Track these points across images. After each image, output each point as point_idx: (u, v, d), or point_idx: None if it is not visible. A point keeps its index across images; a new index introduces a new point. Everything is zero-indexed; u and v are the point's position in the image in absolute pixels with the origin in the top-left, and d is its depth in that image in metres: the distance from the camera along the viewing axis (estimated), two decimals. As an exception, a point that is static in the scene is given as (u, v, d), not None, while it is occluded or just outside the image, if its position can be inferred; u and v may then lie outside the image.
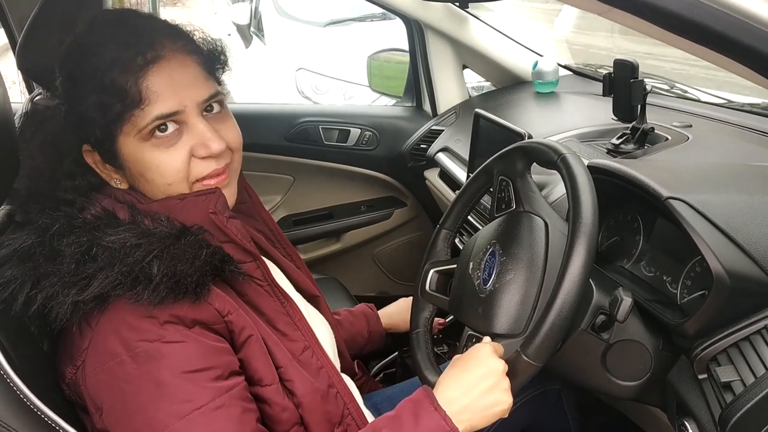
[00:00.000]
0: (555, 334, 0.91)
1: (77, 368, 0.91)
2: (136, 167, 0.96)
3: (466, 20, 2.22)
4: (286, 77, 4.22)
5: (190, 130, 0.96)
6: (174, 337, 0.88)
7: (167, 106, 0.93)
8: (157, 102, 0.93)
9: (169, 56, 0.95)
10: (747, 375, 0.90)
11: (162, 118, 0.93)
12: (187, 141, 0.96)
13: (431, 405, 0.94)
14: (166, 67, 0.94)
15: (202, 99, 0.97)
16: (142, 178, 0.97)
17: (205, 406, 0.87)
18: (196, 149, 0.96)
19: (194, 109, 0.96)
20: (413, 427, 0.92)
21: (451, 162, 2.00)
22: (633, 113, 1.52)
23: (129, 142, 0.95)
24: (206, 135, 0.96)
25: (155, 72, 0.93)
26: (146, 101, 0.92)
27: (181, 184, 0.97)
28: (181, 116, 0.95)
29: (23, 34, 1.28)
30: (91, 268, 0.87)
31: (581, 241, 0.91)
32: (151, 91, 0.92)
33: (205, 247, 0.92)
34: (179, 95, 0.94)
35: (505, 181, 1.16)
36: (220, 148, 0.97)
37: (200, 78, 0.98)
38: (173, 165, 0.95)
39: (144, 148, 0.95)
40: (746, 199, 1.03)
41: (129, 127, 0.94)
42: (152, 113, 0.93)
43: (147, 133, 0.94)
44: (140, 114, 0.92)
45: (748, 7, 0.77)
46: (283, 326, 1.03)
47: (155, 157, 0.95)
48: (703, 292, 1.03)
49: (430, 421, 0.92)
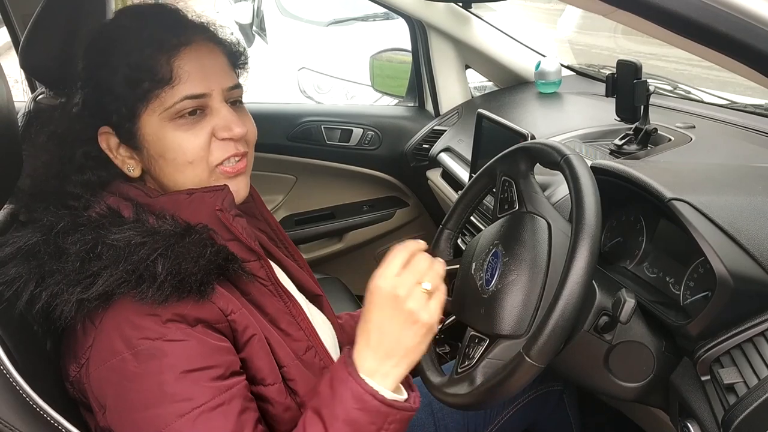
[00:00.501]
0: (558, 335, 0.90)
1: (81, 366, 0.91)
2: (155, 147, 0.98)
3: (468, 20, 2.22)
4: (289, 76, 4.23)
5: (213, 114, 0.99)
6: (176, 335, 0.88)
7: (196, 88, 0.97)
8: (187, 82, 0.96)
9: (200, 42, 1.00)
10: (750, 377, 0.90)
11: (190, 98, 0.97)
12: (210, 122, 0.99)
13: (345, 370, 0.90)
14: (198, 52, 0.99)
15: (227, 86, 1.01)
16: (161, 159, 0.99)
17: (205, 405, 0.87)
18: (217, 131, 0.99)
19: (219, 95, 1.00)
20: (331, 399, 0.89)
21: (453, 162, 2.00)
22: (636, 114, 1.52)
23: (152, 121, 0.97)
24: (229, 118, 1.00)
25: (187, 54, 0.97)
26: (176, 80, 0.96)
27: (200, 165, 0.99)
28: (206, 100, 0.98)
29: (26, 33, 1.28)
30: (96, 266, 0.87)
31: (584, 242, 0.91)
32: (183, 70, 0.96)
33: (210, 245, 0.93)
34: (208, 79, 0.98)
35: (508, 181, 1.15)
36: (241, 131, 1.00)
37: (225, 67, 1.03)
38: (195, 143, 0.98)
39: (167, 128, 0.97)
40: (749, 200, 1.03)
41: (155, 105, 0.96)
42: (181, 93, 0.96)
43: (173, 113, 0.97)
44: (169, 92, 0.96)
45: (752, 9, 0.77)
46: (286, 326, 1.03)
47: (177, 135, 0.97)
48: (706, 294, 1.03)
49: (345, 389, 0.89)
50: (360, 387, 0.89)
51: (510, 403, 1.40)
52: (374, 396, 0.89)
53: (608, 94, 1.58)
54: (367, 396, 0.89)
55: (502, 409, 1.40)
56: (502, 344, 1.00)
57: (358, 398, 0.88)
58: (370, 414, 0.88)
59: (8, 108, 0.90)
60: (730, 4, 0.77)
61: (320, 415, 0.89)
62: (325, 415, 0.89)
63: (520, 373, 0.94)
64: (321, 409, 0.90)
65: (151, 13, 1.04)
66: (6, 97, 0.90)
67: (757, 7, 0.77)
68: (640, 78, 1.48)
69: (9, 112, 0.90)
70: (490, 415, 1.39)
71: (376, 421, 0.89)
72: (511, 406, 1.40)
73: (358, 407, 0.88)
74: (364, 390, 0.89)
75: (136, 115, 0.97)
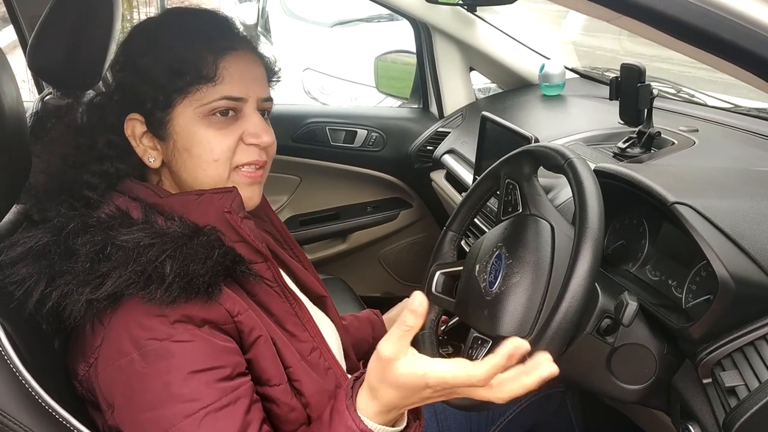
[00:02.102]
0: (560, 337, 0.91)
1: (90, 365, 0.92)
2: (184, 140, 1.00)
3: (473, 23, 2.23)
4: (293, 77, 4.23)
5: (245, 119, 1.02)
6: (183, 336, 0.89)
7: (237, 90, 1.00)
8: (229, 83, 0.99)
9: (245, 50, 1.04)
10: (751, 380, 0.90)
11: (229, 99, 1.00)
12: (241, 126, 1.02)
13: (344, 402, 0.89)
14: (243, 58, 1.02)
15: (263, 96, 1.05)
16: (185, 152, 1.00)
17: (212, 405, 0.87)
18: (246, 136, 1.02)
19: (254, 103, 1.03)
20: (327, 427, 0.89)
21: (457, 164, 2.01)
22: (639, 117, 1.52)
23: (186, 114, 0.99)
24: (260, 125, 1.03)
25: (233, 57, 1.01)
26: (219, 79, 0.98)
27: (224, 165, 1.01)
28: (242, 104, 1.01)
29: (34, 34, 1.29)
30: (106, 266, 0.88)
31: (587, 245, 0.91)
32: (228, 72, 0.99)
33: (218, 247, 0.93)
34: (248, 85, 1.02)
35: (512, 184, 1.16)
36: (269, 140, 1.04)
37: (263, 79, 1.07)
38: (224, 143, 1.01)
39: (199, 123, 1.00)
40: (752, 204, 1.03)
41: (192, 100, 0.99)
42: (222, 92, 0.99)
43: (208, 110, 0.99)
44: (210, 89, 0.98)
45: (755, 16, 0.77)
46: (292, 327, 1.04)
47: (208, 133, 1.00)
48: (708, 297, 1.04)
49: (340, 423, 0.88)
50: (354, 424, 0.87)
51: (512, 405, 1.40)
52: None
53: (612, 98, 1.58)
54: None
55: (505, 411, 1.40)
56: None
57: None
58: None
59: (18, 109, 0.91)
60: (733, 10, 0.78)
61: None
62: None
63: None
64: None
65: (203, 15, 1.07)
66: (15, 98, 0.91)
67: (759, 14, 0.78)
68: (644, 81, 1.48)
69: (18, 113, 0.91)
70: (492, 416, 1.40)
71: None
72: (514, 408, 1.40)
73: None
74: (357, 427, 0.87)
75: (171, 105, 0.99)
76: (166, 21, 1.07)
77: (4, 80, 0.88)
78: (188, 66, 0.98)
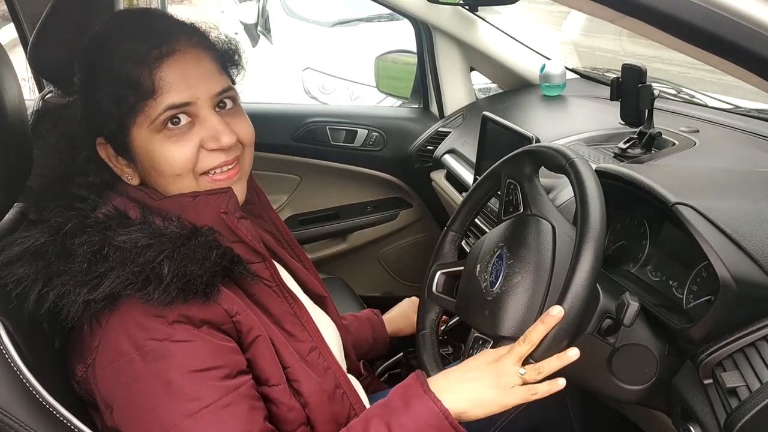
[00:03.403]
0: (561, 338, 0.91)
1: (88, 366, 0.92)
2: (146, 159, 0.98)
3: (474, 23, 2.23)
4: (293, 77, 4.23)
5: (201, 123, 0.98)
6: (183, 336, 0.89)
7: (179, 97, 0.95)
8: (170, 92, 0.94)
9: (184, 50, 0.97)
10: (752, 381, 0.90)
11: (174, 108, 0.95)
12: (198, 133, 0.98)
13: (421, 388, 0.94)
14: (181, 60, 0.96)
15: (214, 92, 0.99)
16: (152, 170, 0.98)
17: (213, 405, 0.87)
18: (206, 142, 0.98)
19: (206, 102, 0.98)
20: (403, 411, 0.92)
21: (457, 164, 2.01)
22: (640, 118, 1.53)
23: (141, 134, 0.96)
24: (217, 128, 0.98)
25: (169, 64, 0.95)
26: (159, 91, 0.94)
27: (188, 176, 0.98)
28: (192, 108, 0.97)
29: (35, 33, 1.29)
30: (103, 267, 0.87)
31: (589, 246, 0.91)
32: (165, 81, 0.94)
33: (215, 247, 0.93)
34: (192, 88, 0.96)
35: (513, 184, 1.16)
36: (230, 141, 0.98)
37: (214, 72, 1.00)
38: (183, 156, 0.97)
39: (155, 140, 0.96)
40: (753, 205, 1.03)
41: (142, 119, 0.95)
42: (164, 103, 0.94)
43: (159, 124, 0.95)
44: (152, 104, 0.94)
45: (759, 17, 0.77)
46: (291, 327, 1.04)
47: (165, 148, 0.96)
48: (709, 298, 1.04)
49: (420, 405, 0.93)
50: (435, 405, 0.92)
51: (513, 405, 1.40)
52: (446, 417, 0.92)
53: (613, 98, 1.58)
54: (441, 416, 0.92)
55: (506, 411, 1.40)
56: (506, 346, 1.01)
57: (433, 415, 0.92)
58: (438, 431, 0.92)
59: (20, 109, 0.91)
60: (735, 10, 0.78)
61: (389, 426, 0.92)
62: (394, 426, 0.92)
63: (523, 375, 0.95)
64: (390, 420, 0.93)
65: (138, 21, 1.02)
66: (17, 96, 0.91)
67: (761, 14, 0.78)
68: (645, 82, 1.48)
69: (20, 112, 0.91)
70: (493, 416, 1.39)
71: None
72: (515, 408, 1.40)
73: (431, 423, 0.92)
74: (439, 409, 0.92)
75: (126, 129, 0.97)
76: (101, 39, 1.01)
77: (6, 78, 0.88)
78: (127, 88, 0.94)
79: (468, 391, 0.96)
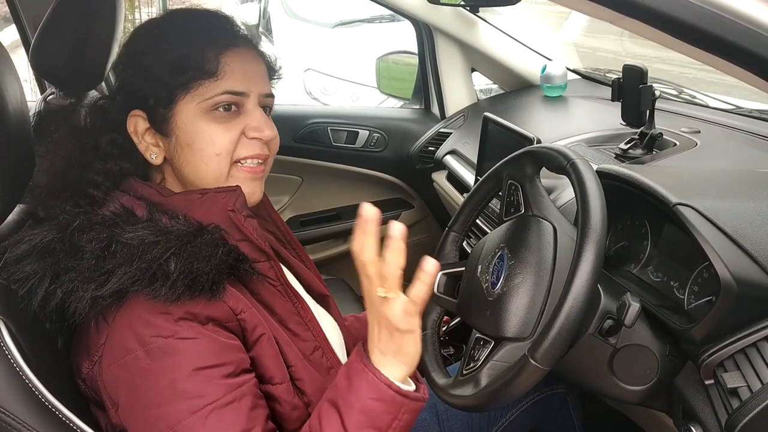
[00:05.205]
0: (562, 338, 0.91)
1: (94, 363, 0.93)
2: (186, 135, 1.01)
3: (475, 23, 2.23)
4: (295, 78, 4.23)
5: (247, 114, 1.03)
6: (188, 333, 0.90)
7: (238, 85, 1.01)
8: (230, 78, 1.01)
9: (246, 47, 1.06)
10: (754, 381, 0.90)
11: (231, 93, 1.01)
12: (242, 121, 1.03)
13: (361, 362, 0.92)
14: (245, 54, 1.04)
15: (265, 92, 1.07)
16: (188, 147, 1.01)
17: (217, 402, 0.88)
18: (248, 130, 1.03)
19: (255, 98, 1.04)
20: (348, 390, 0.91)
21: (459, 165, 2.01)
22: (641, 118, 1.53)
23: (188, 109, 1.00)
24: (262, 120, 1.04)
25: (234, 53, 1.02)
26: (221, 74, 1.00)
27: (225, 159, 1.02)
28: (243, 99, 1.03)
29: (37, 34, 1.29)
30: (111, 263, 0.88)
31: (590, 246, 0.91)
32: (229, 67, 1.01)
33: (222, 245, 0.94)
34: (249, 81, 1.03)
35: (514, 185, 1.16)
36: (272, 134, 1.05)
37: (265, 76, 1.09)
38: (226, 137, 1.01)
39: (201, 118, 1.01)
40: (754, 205, 1.03)
41: (194, 95, 1.00)
42: (223, 87, 1.00)
43: (210, 105, 1.00)
44: (211, 84, 1.00)
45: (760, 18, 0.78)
46: (295, 326, 1.05)
47: (211, 127, 1.01)
48: (710, 298, 1.04)
49: (361, 380, 0.91)
50: (375, 377, 0.90)
51: (514, 405, 1.41)
52: (389, 386, 0.90)
53: (614, 99, 1.59)
54: (382, 386, 0.90)
55: (507, 411, 1.41)
56: (507, 347, 1.01)
57: (375, 388, 0.90)
58: (385, 403, 0.90)
59: (22, 110, 0.91)
60: (736, 11, 0.78)
61: (336, 406, 0.91)
62: (341, 406, 0.91)
63: (524, 376, 0.94)
64: (337, 400, 0.91)
65: (204, 15, 1.09)
66: (20, 98, 0.91)
67: (762, 15, 0.78)
68: (646, 83, 1.48)
69: (23, 113, 0.91)
70: (494, 417, 1.40)
71: (390, 411, 0.90)
72: (515, 408, 1.41)
73: (374, 397, 0.90)
74: (380, 380, 0.90)
75: (173, 101, 1.00)
76: (168, 21, 1.09)
77: (8, 80, 0.88)
78: (190, 62, 0.99)
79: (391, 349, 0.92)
